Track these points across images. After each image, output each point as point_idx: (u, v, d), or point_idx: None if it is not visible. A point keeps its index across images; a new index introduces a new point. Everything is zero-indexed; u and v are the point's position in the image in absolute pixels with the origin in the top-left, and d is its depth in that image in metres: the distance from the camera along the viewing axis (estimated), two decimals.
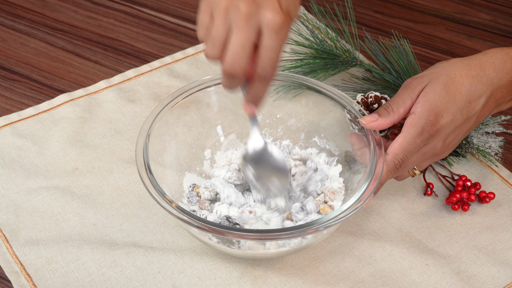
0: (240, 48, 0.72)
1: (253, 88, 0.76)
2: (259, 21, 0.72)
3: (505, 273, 0.87)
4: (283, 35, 0.72)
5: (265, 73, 0.74)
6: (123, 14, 1.22)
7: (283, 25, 0.72)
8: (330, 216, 0.78)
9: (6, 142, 0.99)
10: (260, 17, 0.72)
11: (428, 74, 0.85)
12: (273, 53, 0.73)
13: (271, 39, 0.72)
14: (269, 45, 0.72)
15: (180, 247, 0.88)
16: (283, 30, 0.72)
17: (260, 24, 0.72)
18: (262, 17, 0.71)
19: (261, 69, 0.74)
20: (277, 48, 0.73)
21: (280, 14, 0.71)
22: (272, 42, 0.72)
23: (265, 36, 0.72)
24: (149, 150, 0.84)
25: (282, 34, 0.72)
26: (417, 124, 0.82)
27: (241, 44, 0.72)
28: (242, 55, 0.73)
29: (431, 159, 0.87)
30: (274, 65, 0.74)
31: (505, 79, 0.86)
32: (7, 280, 0.86)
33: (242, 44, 0.72)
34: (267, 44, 0.72)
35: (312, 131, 0.96)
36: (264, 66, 0.74)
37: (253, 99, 0.78)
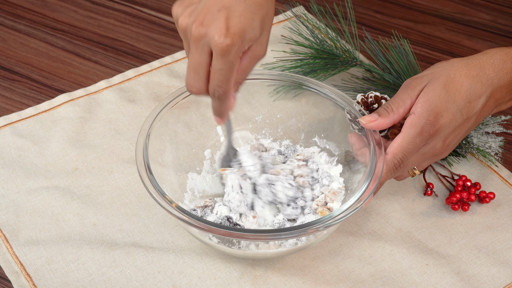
0: (192, 70, 0.76)
1: (212, 104, 0.80)
2: (208, 43, 0.74)
3: (505, 273, 0.87)
4: (230, 58, 0.74)
5: (216, 93, 0.77)
6: (123, 14, 1.22)
7: (230, 48, 0.73)
8: (330, 216, 0.78)
9: (6, 142, 0.99)
10: (208, 39, 0.74)
11: (428, 74, 0.85)
12: (220, 75, 0.75)
13: (219, 62, 0.75)
14: (217, 67, 0.75)
15: (180, 247, 0.88)
16: (229, 53, 0.74)
17: (209, 46, 0.75)
18: (210, 40, 0.74)
19: (212, 89, 0.77)
20: (225, 69, 0.75)
21: (226, 37, 0.73)
22: (220, 65, 0.75)
23: (214, 58, 0.75)
24: (149, 150, 0.84)
25: (229, 58, 0.74)
26: (416, 124, 0.82)
27: (193, 66, 0.76)
28: (195, 77, 0.77)
29: (431, 159, 0.87)
30: (224, 85, 0.76)
31: (505, 79, 0.86)
32: (7, 280, 0.86)
33: (193, 67, 0.76)
34: (215, 66, 0.75)
35: (312, 131, 0.96)
36: (213, 86, 0.77)
37: (215, 113, 0.81)
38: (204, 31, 0.74)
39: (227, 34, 0.73)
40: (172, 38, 1.18)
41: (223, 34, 0.73)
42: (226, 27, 0.73)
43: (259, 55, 0.78)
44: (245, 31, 0.74)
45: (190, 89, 0.78)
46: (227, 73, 0.75)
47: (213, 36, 0.73)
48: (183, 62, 1.12)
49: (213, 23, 0.73)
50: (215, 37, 0.73)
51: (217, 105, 0.79)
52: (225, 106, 0.79)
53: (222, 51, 0.73)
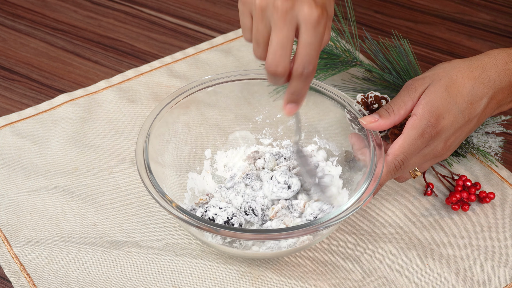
0: (279, 47, 0.71)
1: (292, 86, 0.75)
2: (296, 17, 0.71)
3: (505, 273, 0.87)
4: (320, 30, 0.71)
5: (304, 70, 0.73)
6: (123, 14, 1.22)
7: (320, 19, 0.71)
8: (330, 216, 0.78)
9: (6, 142, 0.99)
10: (296, 13, 0.71)
11: (429, 75, 0.85)
12: (311, 49, 0.72)
13: (309, 35, 0.71)
14: (307, 40, 0.71)
15: (180, 247, 0.88)
16: (320, 25, 0.71)
17: (297, 20, 0.71)
18: (299, 13, 0.71)
19: (300, 66, 0.73)
20: (315, 43, 0.72)
21: (316, 8, 0.70)
22: (310, 38, 0.71)
23: (302, 32, 0.71)
24: (149, 150, 0.84)
25: (319, 29, 0.71)
26: (418, 125, 0.82)
27: (280, 43, 0.71)
28: (282, 54, 0.72)
29: (432, 161, 0.87)
30: (313, 61, 0.73)
31: (507, 80, 0.86)
32: (7, 280, 0.86)
33: (281, 43, 0.71)
34: (305, 40, 0.71)
35: (312, 131, 0.96)
36: (302, 63, 0.73)
37: (293, 98, 0.76)
38: (291, 3, 0.70)
39: (316, 5, 0.71)
40: (172, 38, 1.18)
41: (313, 5, 0.70)
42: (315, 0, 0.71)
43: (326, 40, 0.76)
44: (327, 6, 0.72)
45: (275, 70, 0.73)
46: (317, 47, 0.72)
47: (302, 8, 0.71)
48: (183, 62, 1.12)
49: None
50: (305, 8, 0.70)
51: (300, 87, 0.75)
52: (307, 87, 0.75)
53: (314, 22, 0.71)
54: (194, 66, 1.12)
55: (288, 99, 0.77)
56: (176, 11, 1.23)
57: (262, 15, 0.72)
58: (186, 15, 1.22)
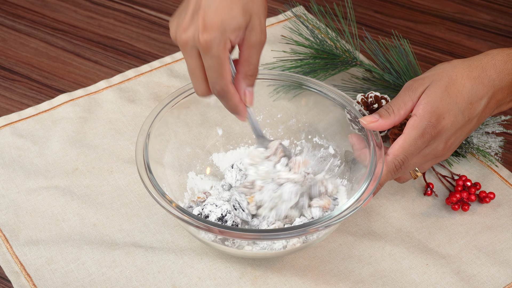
0: (191, 75, 0.78)
1: (222, 102, 0.80)
2: (195, 45, 0.75)
3: (505, 273, 0.87)
4: (213, 52, 0.75)
5: (214, 90, 0.78)
6: (123, 14, 1.22)
7: (208, 43, 0.74)
8: (330, 216, 0.78)
9: (6, 142, 0.99)
10: (192, 41, 0.75)
11: (429, 75, 0.85)
12: (212, 71, 0.76)
13: (205, 59, 0.76)
14: (206, 65, 0.76)
15: (180, 247, 0.88)
16: (211, 47, 0.74)
17: (197, 47, 0.75)
18: (194, 41, 0.75)
19: (211, 88, 0.78)
20: (214, 65, 0.75)
21: (203, 33, 0.74)
22: (207, 62, 0.76)
23: (202, 57, 0.76)
24: (149, 150, 0.84)
25: (212, 52, 0.75)
26: (418, 125, 0.82)
27: (190, 72, 0.78)
28: (195, 81, 0.78)
29: (432, 161, 0.87)
30: (219, 81, 0.77)
31: (506, 80, 0.86)
32: (7, 280, 0.86)
33: (190, 71, 0.78)
34: (205, 64, 0.76)
35: (312, 131, 0.96)
36: (210, 85, 0.78)
37: (231, 110, 0.81)
38: (186, 35, 0.75)
39: (204, 30, 0.74)
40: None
41: (200, 31, 0.74)
42: (203, 24, 0.74)
43: (255, 41, 0.78)
44: (224, 22, 0.74)
45: (197, 93, 0.80)
46: (217, 67, 0.76)
47: (193, 36, 0.74)
48: (183, 62, 1.12)
49: (192, 25, 0.75)
50: (195, 36, 0.74)
51: (224, 103, 0.80)
52: (231, 102, 0.79)
53: (204, 48, 0.74)
54: None
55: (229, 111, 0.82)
56: None
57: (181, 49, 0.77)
58: None
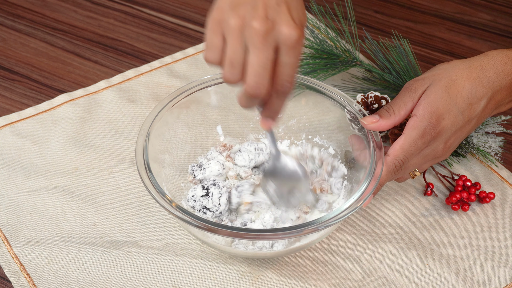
0: (261, 69, 0.70)
1: (271, 103, 0.75)
2: (276, 38, 0.70)
3: (505, 273, 0.87)
4: (299, 49, 0.71)
5: (284, 89, 0.73)
6: (123, 14, 1.22)
7: (299, 39, 0.70)
8: (330, 216, 0.78)
9: (6, 142, 0.99)
10: (276, 34, 0.70)
11: (429, 76, 0.85)
12: (290, 69, 0.71)
13: (289, 56, 0.71)
14: (287, 61, 0.71)
15: (180, 247, 0.88)
16: (299, 44, 0.70)
17: (277, 41, 0.70)
18: (279, 34, 0.70)
19: (280, 86, 0.72)
20: (294, 63, 0.71)
21: (296, 28, 0.70)
22: (290, 58, 0.71)
23: (282, 53, 0.70)
24: (149, 150, 0.84)
25: (298, 49, 0.71)
26: (418, 126, 0.82)
27: (262, 64, 0.70)
28: (264, 76, 0.71)
29: (431, 161, 0.87)
30: (292, 80, 0.72)
31: (506, 81, 0.86)
32: (7, 280, 0.86)
33: (263, 65, 0.70)
34: (285, 61, 0.71)
35: (312, 131, 0.96)
36: (283, 83, 0.72)
37: (271, 114, 0.76)
38: (271, 25, 0.69)
39: (295, 25, 0.70)
40: (172, 38, 1.18)
41: (292, 25, 0.70)
42: (292, 19, 0.70)
43: None
44: (304, 22, 0.72)
45: (256, 92, 0.71)
46: (296, 66, 0.72)
47: (282, 29, 0.69)
48: (183, 62, 1.12)
49: (278, 16, 0.70)
50: (285, 29, 0.69)
51: (279, 104, 0.75)
52: (285, 104, 0.75)
53: (295, 43, 0.70)
54: (194, 66, 1.12)
55: (266, 115, 0.77)
56: (176, 11, 1.23)
57: (239, 36, 0.70)
58: (186, 15, 1.23)
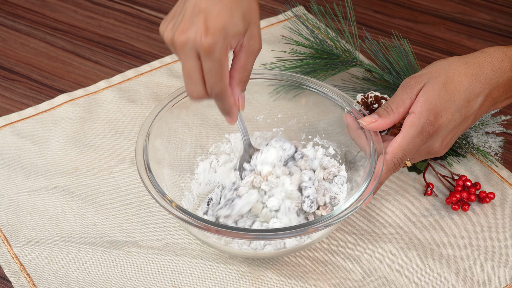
0: (187, 78, 0.77)
1: (217, 104, 0.80)
2: (194, 47, 0.75)
3: (505, 273, 0.87)
4: (216, 56, 0.75)
5: (213, 92, 0.78)
6: (123, 14, 1.22)
7: (212, 47, 0.74)
8: (330, 215, 0.78)
9: (6, 142, 0.99)
10: (192, 43, 0.75)
11: (426, 73, 0.85)
12: (212, 74, 0.76)
13: (206, 62, 0.75)
14: (207, 67, 0.76)
15: (180, 247, 0.88)
16: (214, 51, 0.74)
17: (196, 49, 0.75)
18: (194, 43, 0.74)
19: (208, 90, 0.78)
20: (215, 68, 0.75)
21: (206, 36, 0.74)
22: (208, 65, 0.75)
23: (202, 60, 0.75)
24: (149, 150, 0.84)
25: (214, 56, 0.75)
26: (416, 123, 0.82)
27: (186, 74, 0.77)
28: (190, 83, 0.77)
29: (425, 156, 0.87)
30: (219, 84, 0.77)
31: (502, 78, 0.86)
32: (7, 280, 0.86)
33: (186, 74, 0.77)
34: (205, 67, 0.76)
35: (312, 131, 0.96)
36: (209, 87, 0.77)
37: (223, 112, 0.81)
38: (185, 37, 0.74)
39: (207, 33, 0.74)
40: None
41: (203, 34, 0.74)
42: (205, 28, 0.74)
43: (253, 49, 0.79)
44: (226, 27, 0.75)
45: (191, 96, 0.79)
46: (218, 70, 0.76)
47: (194, 39, 0.74)
48: None
49: (192, 28, 0.74)
50: (196, 39, 0.74)
51: (219, 105, 0.80)
52: (227, 104, 0.80)
53: (206, 51, 0.74)
54: None
55: (221, 113, 0.82)
56: None
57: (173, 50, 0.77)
58: None
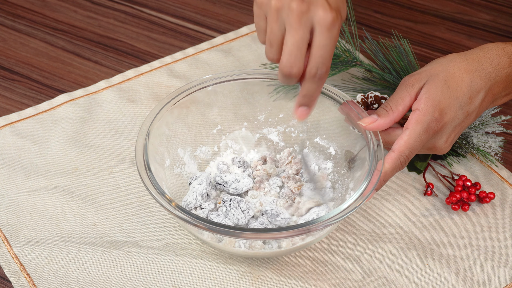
0: (295, 48, 0.73)
1: (305, 88, 0.76)
2: (311, 19, 0.72)
3: (505, 273, 0.87)
4: (334, 32, 0.73)
5: (318, 71, 0.74)
6: (123, 14, 1.22)
7: (335, 22, 0.72)
8: (330, 215, 0.78)
9: (6, 142, 0.99)
10: (312, 15, 0.72)
11: (425, 70, 0.85)
12: (325, 51, 0.73)
13: (324, 37, 0.73)
14: (322, 43, 0.73)
15: (180, 247, 0.88)
16: (334, 27, 0.73)
17: (312, 22, 0.72)
18: (314, 15, 0.72)
19: (314, 68, 0.74)
20: (329, 45, 0.73)
21: (331, 11, 0.72)
22: (325, 40, 0.73)
23: (317, 34, 0.73)
24: (148, 149, 0.84)
25: (333, 32, 0.73)
26: (422, 120, 0.82)
27: (295, 44, 0.73)
28: (298, 55, 0.73)
29: (427, 152, 0.87)
30: (327, 63, 0.74)
31: (502, 74, 0.86)
32: (7, 280, 0.86)
33: (296, 44, 0.73)
34: (320, 42, 0.73)
35: (312, 131, 0.96)
36: (316, 64, 0.74)
37: (305, 101, 0.78)
38: (307, 6, 0.72)
39: (331, 8, 0.72)
40: (172, 38, 1.18)
41: (327, 8, 0.72)
42: (328, 3, 0.72)
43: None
44: (341, 9, 0.74)
45: (289, 70, 0.74)
46: (331, 49, 0.74)
47: (317, 10, 0.72)
48: (183, 62, 1.12)
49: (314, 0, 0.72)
50: (320, 11, 0.72)
51: (313, 89, 0.76)
52: (320, 89, 0.77)
53: (329, 25, 0.72)
54: (194, 66, 1.12)
55: (300, 102, 0.78)
56: (176, 11, 1.23)
57: (277, 17, 0.73)
58: (186, 15, 1.22)
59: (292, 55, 0.73)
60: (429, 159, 0.96)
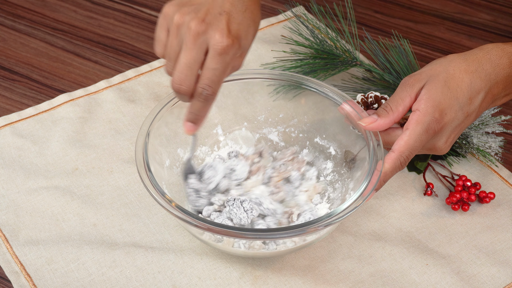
0: (185, 67, 0.75)
1: (192, 105, 0.78)
2: (207, 41, 0.74)
3: (505, 273, 0.87)
4: (226, 58, 0.75)
5: (204, 92, 0.76)
6: (123, 14, 1.22)
7: (229, 48, 0.74)
8: (330, 215, 0.78)
9: (6, 142, 0.99)
10: (208, 37, 0.74)
11: (425, 71, 0.85)
12: (213, 75, 0.75)
13: (214, 61, 0.74)
14: (211, 66, 0.75)
15: (180, 247, 0.88)
16: (227, 54, 0.74)
17: (207, 44, 0.74)
18: (210, 38, 0.74)
19: (200, 88, 0.76)
20: (219, 70, 0.75)
21: (228, 37, 0.74)
22: (215, 64, 0.75)
23: (209, 57, 0.75)
24: (148, 149, 0.84)
25: (225, 58, 0.74)
26: (423, 120, 0.82)
27: (187, 63, 0.75)
28: (188, 74, 0.75)
29: (426, 152, 0.87)
30: (214, 86, 0.76)
31: (501, 75, 0.86)
32: (7, 280, 0.86)
33: (188, 64, 0.75)
34: (209, 65, 0.75)
35: (312, 131, 0.96)
36: (203, 85, 0.76)
37: (192, 117, 0.80)
38: (205, 28, 0.74)
39: (228, 35, 0.74)
40: None
41: (224, 34, 0.74)
42: (228, 29, 0.74)
43: (236, 67, 0.79)
44: (242, 38, 0.76)
45: (178, 88, 0.76)
46: (221, 73, 0.76)
47: (214, 34, 0.74)
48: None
49: (215, 23, 0.74)
50: (216, 35, 0.74)
51: (199, 108, 0.78)
52: (206, 109, 0.79)
53: (222, 50, 0.74)
54: None
55: (187, 118, 0.80)
56: None
57: (177, 32, 0.75)
58: None
59: (183, 73, 0.75)
60: (429, 159, 0.96)
